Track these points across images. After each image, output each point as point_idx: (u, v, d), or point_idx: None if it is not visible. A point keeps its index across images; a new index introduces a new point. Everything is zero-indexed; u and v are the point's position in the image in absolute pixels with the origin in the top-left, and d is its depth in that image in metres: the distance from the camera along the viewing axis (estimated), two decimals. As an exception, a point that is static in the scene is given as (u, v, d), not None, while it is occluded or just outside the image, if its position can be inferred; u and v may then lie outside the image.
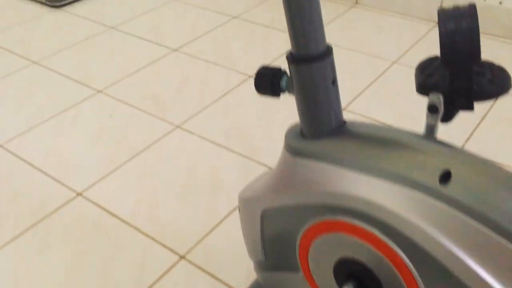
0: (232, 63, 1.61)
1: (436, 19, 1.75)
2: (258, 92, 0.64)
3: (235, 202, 1.12)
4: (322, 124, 0.59)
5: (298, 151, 0.61)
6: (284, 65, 0.62)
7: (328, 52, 0.56)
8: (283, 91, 0.62)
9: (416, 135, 0.59)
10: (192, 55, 1.66)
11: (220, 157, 1.24)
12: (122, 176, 1.20)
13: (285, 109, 1.39)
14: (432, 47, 1.64)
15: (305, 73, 0.56)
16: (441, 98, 0.64)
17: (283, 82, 0.61)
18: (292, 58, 0.57)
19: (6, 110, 1.44)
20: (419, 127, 1.34)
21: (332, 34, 1.74)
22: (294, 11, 0.54)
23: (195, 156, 1.25)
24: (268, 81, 0.61)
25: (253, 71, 1.56)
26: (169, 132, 1.33)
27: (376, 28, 1.77)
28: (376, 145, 0.57)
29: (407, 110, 1.36)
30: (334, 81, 0.58)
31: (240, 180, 1.17)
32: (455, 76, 0.64)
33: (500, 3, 1.61)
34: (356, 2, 1.92)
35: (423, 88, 0.67)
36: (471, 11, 0.65)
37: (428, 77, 0.68)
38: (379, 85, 1.48)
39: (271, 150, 1.25)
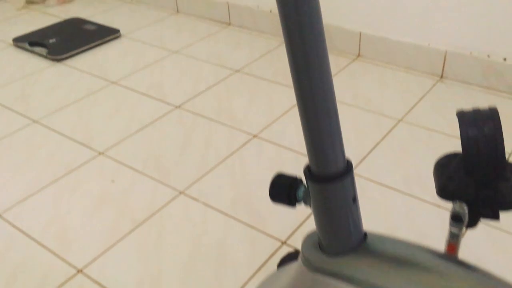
0: (236, 122, 1.59)
1: (440, 74, 1.75)
2: (272, 201, 0.61)
3: (242, 279, 1.08)
4: (342, 241, 0.56)
5: (316, 268, 0.57)
6: (288, 121, 0.59)
7: (348, 169, 0.53)
8: (299, 201, 0.59)
9: (440, 255, 0.56)
10: (195, 113, 1.64)
11: (226, 227, 1.21)
12: (124, 250, 1.16)
13: (293, 170, 1.36)
14: (437, 103, 1.62)
15: (324, 191, 0.54)
16: (465, 208, 0.61)
17: (300, 193, 0.59)
18: (310, 174, 0.54)
19: (6, 175, 1.41)
20: (427, 193, 1.29)
21: (336, 89, 1.72)
22: (313, 129, 0.51)
23: (200, 227, 1.21)
24: (283, 192, 0.59)
25: (257, 130, 1.54)
26: (172, 199, 1.30)
27: (380, 83, 1.76)
28: (399, 267, 0.54)
29: (415, 173, 1.34)
30: (355, 199, 0.55)
31: (247, 253, 1.13)
32: (480, 185, 0.61)
33: (505, 59, 1.61)
34: (359, 55, 1.92)
35: (445, 193, 0.64)
36: (493, 114, 0.63)
37: (449, 180, 0.65)
38: (386, 146, 1.45)
39: (278, 220, 1.22)
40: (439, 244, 1.12)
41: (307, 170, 0.55)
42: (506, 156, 0.63)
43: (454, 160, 0.68)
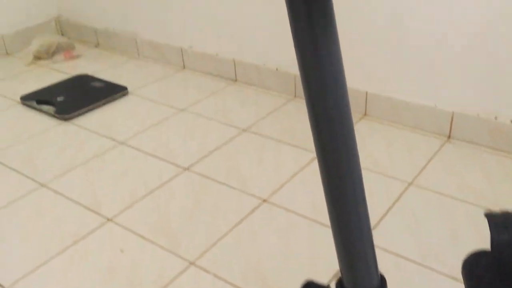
0: (245, 185, 1.58)
1: (447, 134, 1.76)
2: (300, 310, 0.59)
3: None
4: None
5: None
6: (298, 183, 0.58)
7: (382, 285, 0.52)
8: (329, 313, 0.58)
9: None
10: (203, 175, 1.64)
11: (238, 302, 1.18)
12: (135, 327, 1.13)
13: (305, 239, 1.34)
14: (446, 165, 1.62)
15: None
16: (499, 318, 0.59)
17: (329, 304, 0.57)
18: (342, 290, 0.53)
19: (12, 245, 1.39)
20: (443, 264, 1.27)
21: (344, 150, 1.72)
22: (345, 248, 0.50)
23: (211, 301, 1.18)
24: (312, 303, 0.57)
25: (266, 194, 1.53)
26: (183, 271, 1.27)
27: (387, 142, 1.76)
28: None
29: (429, 242, 1.32)
30: (388, 316, 0.53)
31: (261, 332, 1.10)
32: (513, 294, 0.59)
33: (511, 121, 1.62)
34: (365, 114, 1.93)
35: (476, 299, 0.62)
36: (523, 218, 0.62)
37: (479, 281, 0.63)
38: (397, 212, 1.44)
39: (291, 293, 1.19)
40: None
41: (340, 285, 0.53)
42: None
43: (484, 259, 0.67)
